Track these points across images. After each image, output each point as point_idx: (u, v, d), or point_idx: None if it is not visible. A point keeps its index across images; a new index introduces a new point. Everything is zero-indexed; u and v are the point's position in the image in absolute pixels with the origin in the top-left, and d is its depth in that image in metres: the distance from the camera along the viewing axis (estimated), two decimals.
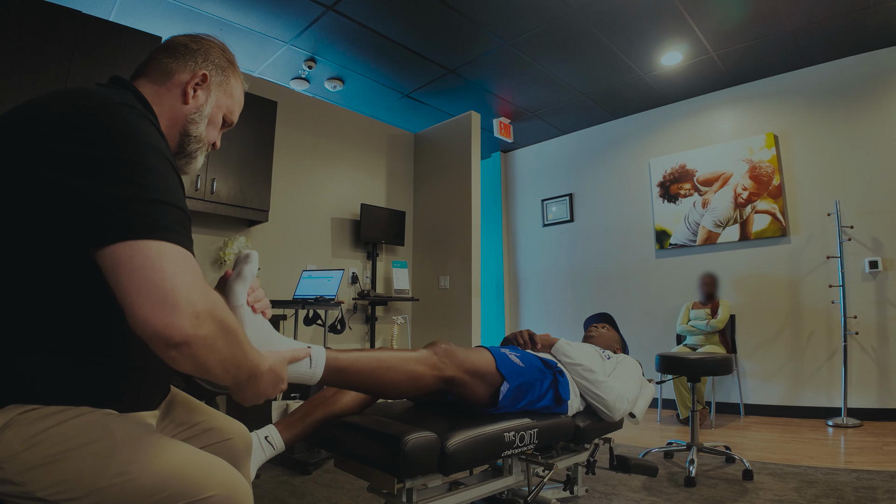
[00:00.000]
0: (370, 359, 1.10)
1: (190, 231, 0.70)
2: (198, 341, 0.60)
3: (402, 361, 1.14)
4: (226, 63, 0.92)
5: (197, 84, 0.87)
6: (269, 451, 1.15)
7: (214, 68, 0.90)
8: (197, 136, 0.88)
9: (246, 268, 0.87)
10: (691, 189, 4.40)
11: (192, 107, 0.86)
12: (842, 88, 3.80)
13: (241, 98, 0.97)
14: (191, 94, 0.86)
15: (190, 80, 0.86)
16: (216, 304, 0.64)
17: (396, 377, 1.12)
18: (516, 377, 1.35)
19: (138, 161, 0.63)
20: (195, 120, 0.87)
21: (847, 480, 2.17)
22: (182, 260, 0.61)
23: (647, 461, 1.80)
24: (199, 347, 0.61)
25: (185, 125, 0.86)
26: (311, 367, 0.97)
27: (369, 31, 3.50)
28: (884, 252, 3.52)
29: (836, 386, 3.56)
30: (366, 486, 1.33)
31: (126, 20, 3.26)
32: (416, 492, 1.16)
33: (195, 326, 0.59)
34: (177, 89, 0.85)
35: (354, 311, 4.36)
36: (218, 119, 0.92)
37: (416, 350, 1.21)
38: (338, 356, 1.03)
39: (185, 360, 0.60)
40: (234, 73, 0.94)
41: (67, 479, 0.62)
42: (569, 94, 4.49)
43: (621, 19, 3.37)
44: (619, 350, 2.08)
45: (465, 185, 4.45)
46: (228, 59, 0.93)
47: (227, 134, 3.31)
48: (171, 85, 0.85)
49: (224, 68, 0.92)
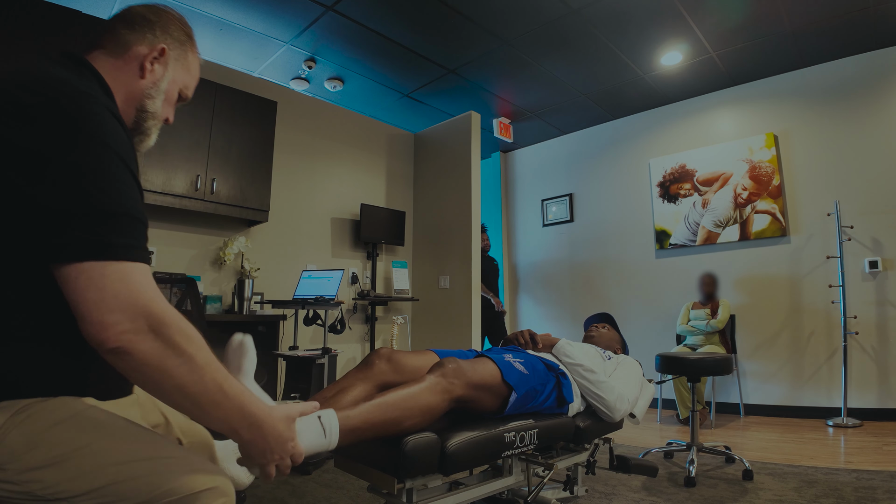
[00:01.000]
0: (382, 408, 1.05)
1: (143, 235, 0.70)
2: (138, 355, 0.62)
3: (413, 399, 1.10)
4: (184, 37, 0.90)
5: (155, 58, 0.84)
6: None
7: (173, 42, 0.87)
8: (153, 111, 0.86)
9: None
10: (691, 189, 4.40)
11: (149, 81, 0.84)
12: (841, 88, 3.80)
13: (197, 73, 0.94)
14: (148, 69, 0.83)
15: (148, 53, 0.83)
16: (162, 321, 0.64)
17: (412, 417, 1.09)
18: (523, 386, 1.34)
19: (93, 167, 0.63)
20: (151, 95, 0.84)
21: (847, 480, 2.17)
22: (125, 278, 0.63)
23: (647, 461, 1.80)
24: (142, 363, 0.62)
25: (141, 101, 0.84)
26: (325, 437, 0.93)
27: (369, 31, 3.50)
28: (884, 252, 3.52)
29: (836, 386, 3.56)
30: (366, 486, 1.33)
31: None
32: (416, 492, 1.16)
33: (131, 341, 0.61)
34: (134, 63, 0.82)
35: (354, 311, 4.36)
36: (173, 94, 0.90)
37: (423, 378, 1.17)
38: (349, 417, 1.00)
39: (134, 374, 0.63)
40: (192, 48, 0.92)
41: (69, 479, 0.63)
42: (569, 94, 4.49)
43: (621, 19, 3.37)
44: (620, 350, 2.08)
45: (465, 185, 4.45)
46: (187, 33, 0.91)
47: (228, 134, 3.31)
48: (128, 58, 0.82)
49: (182, 42, 0.89)
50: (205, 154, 3.19)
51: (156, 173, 2.96)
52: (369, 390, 1.32)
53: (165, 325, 0.64)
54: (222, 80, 3.49)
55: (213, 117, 3.25)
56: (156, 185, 2.95)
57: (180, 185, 3.06)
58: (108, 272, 0.61)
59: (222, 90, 3.32)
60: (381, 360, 1.38)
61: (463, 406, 1.25)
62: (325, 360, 2.89)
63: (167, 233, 3.31)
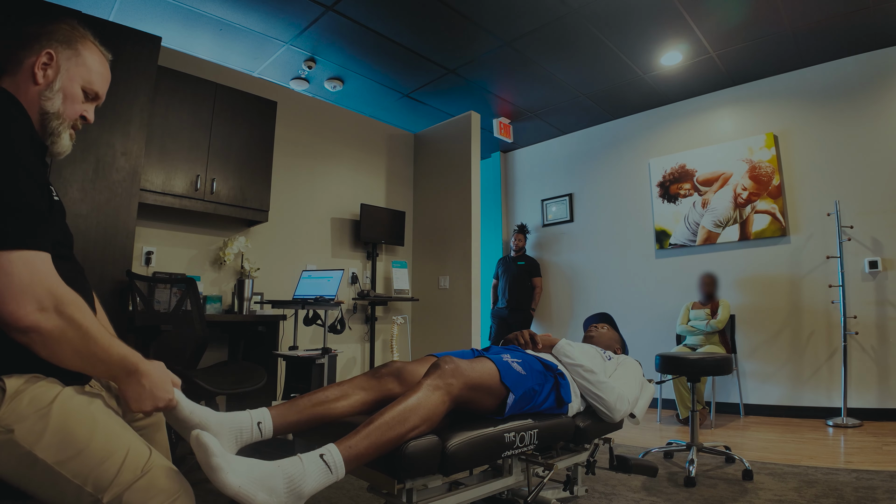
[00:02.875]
0: (382, 428, 1.04)
1: (45, 225, 0.79)
2: (45, 331, 0.74)
3: (413, 412, 1.09)
4: (75, 36, 0.96)
5: (44, 64, 0.91)
6: (256, 436, 1.09)
7: (59, 45, 0.93)
8: (54, 112, 0.92)
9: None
10: (691, 189, 4.40)
11: (43, 85, 0.91)
12: (841, 88, 3.80)
13: (100, 68, 0.99)
14: (39, 75, 0.90)
15: (36, 60, 0.90)
16: (64, 301, 0.76)
17: (415, 428, 1.08)
18: (520, 387, 1.35)
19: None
20: (48, 97, 0.91)
21: (847, 480, 2.17)
22: (29, 264, 0.74)
23: (646, 461, 1.80)
24: (48, 338, 0.75)
25: (40, 104, 0.91)
26: (332, 473, 0.95)
27: (369, 31, 3.50)
28: (883, 252, 3.52)
29: (836, 386, 3.56)
30: (366, 486, 1.33)
31: (126, 20, 3.26)
32: (416, 492, 1.16)
33: (39, 320, 0.73)
34: (28, 73, 0.90)
35: (354, 311, 4.36)
36: (75, 91, 0.95)
37: (420, 385, 1.16)
38: (350, 447, 0.99)
39: (38, 347, 0.75)
40: (86, 46, 0.97)
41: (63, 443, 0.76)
42: (569, 94, 4.49)
43: (621, 19, 3.37)
44: (620, 350, 2.08)
45: (464, 185, 4.45)
46: (79, 34, 0.96)
47: (227, 134, 3.31)
48: (23, 71, 0.90)
49: (72, 42, 0.95)
50: (205, 154, 3.19)
51: (156, 173, 2.96)
52: (369, 401, 1.32)
53: (66, 303, 0.77)
54: (222, 80, 3.49)
55: (212, 117, 3.24)
56: (156, 186, 2.95)
57: (180, 185, 3.06)
58: (13, 259, 0.72)
59: (222, 90, 3.32)
60: (390, 375, 1.38)
61: (462, 407, 1.25)
62: (325, 360, 2.89)
63: (167, 233, 3.31)
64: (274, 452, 1.18)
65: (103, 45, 1.02)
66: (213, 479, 0.84)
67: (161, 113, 3.00)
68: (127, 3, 3.15)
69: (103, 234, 2.50)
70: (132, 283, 2.41)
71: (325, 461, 0.95)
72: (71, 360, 0.78)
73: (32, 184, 0.78)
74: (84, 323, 0.78)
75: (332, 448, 0.98)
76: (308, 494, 0.91)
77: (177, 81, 3.11)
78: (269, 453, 1.01)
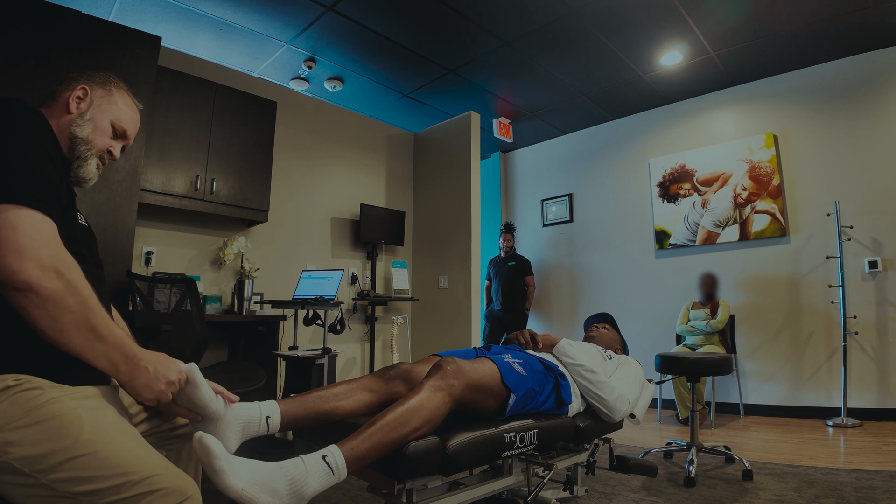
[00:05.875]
0: (384, 430, 1.04)
1: (56, 200, 0.81)
2: (43, 291, 0.72)
3: (414, 413, 1.09)
4: (108, 80, 1.05)
5: (78, 97, 1.00)
6: (262, 430, 1.08)
7: (94, 84, 1.03)
8: (83, 137, 0.98)
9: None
10: (691, 189, 4.40)
11: (75, 113, 0.99)
12: (841, 88, 3.80)
13: (129, 111, 1.07)
14: (73, 105, 0.99)
15: (71, 94, 0.99)
16: (66, 265, 0.76)
17: (417, 429, 1.09)
18: (521, 387, 1.35)
19: (11, 141, 0.77)
20: (79, 123, 0.98)
21: (847, 480, 2.17)
22: (36, 223, 0.74)
23: (646, 461, 1.80)
24: (46, 299, 0.72)
25: (70, 129, 0.97)
26: (335, 475, 0.95)
27: (369, 31, 3.50)
28: (883, 252, 3.52)
29: (836, 386, 3.56)
30: (365, 486, 1.33)
31: (126, 20, 3.26)
32: (416, 492, 1.16)
33: (39, 278, 0.71)
34: (62, 104, 0.99)
35: (354, 312, 4.36)
36: (104, 124, 1.01)
37: (421, 387, 1.16)
38: (353, 449, 0.99)
39: (36, 311, 0.72)
40: (119, 90, 1.06)
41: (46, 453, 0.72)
42: (569, 94, 4.49)
43: (621, 19, 3.37)
44: (620, 350, 2.08)
45: (464, 185, 4.45)
46: (114, 81, 1.07)
47: (227, 134, 3.31)
48: (58, 103, 0.99)
49: (105, 83, 1.04)
50: (204, 154, 3.19)
51: (156, 173, 2.96)
52: (375, 402, 1.32)
53: (68, 267, 0.76)
54: (222, 80, 3.49)
55: (212, 117, 3.24)
56: (156, 186, 2.95)
57: (180, 186, 3.06)
58: (21, 214, 0.73)
59: (222, 90, 3.32)
60: (398, 378, 1.38)
61: (463, 407, 1.25)
62: (325, 361, 2.89)
63: (167, 233, 3.31)
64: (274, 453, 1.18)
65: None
66: (215, 481, 0.84)
67: (161, 113, 3.00)
68: (127, 3, 3.15)
69: (103, 234, 2.49)
70: (132, 283, 2.41)
71: (328, 462, 0.95)
72: (69, 333, 0.75)
73: (47, 161, 0.81)
74: (84, 291, 0.77)
75: (335, 449, 0.98)
76: (310, 496, 0.91)
77: (176, 81, 3.11)
78: (270, 454, 1.01)
